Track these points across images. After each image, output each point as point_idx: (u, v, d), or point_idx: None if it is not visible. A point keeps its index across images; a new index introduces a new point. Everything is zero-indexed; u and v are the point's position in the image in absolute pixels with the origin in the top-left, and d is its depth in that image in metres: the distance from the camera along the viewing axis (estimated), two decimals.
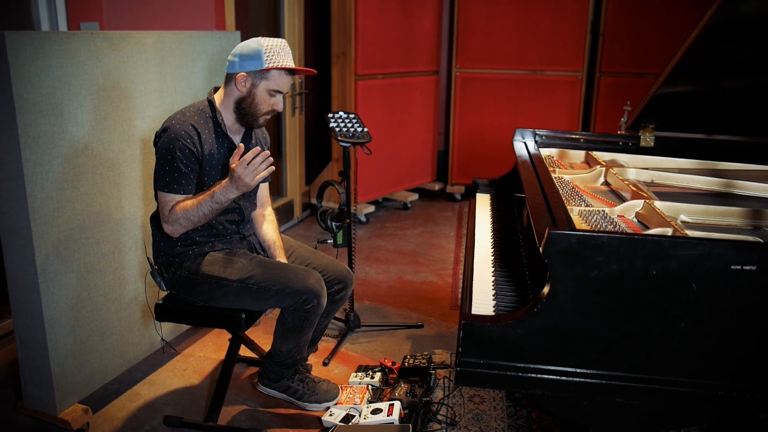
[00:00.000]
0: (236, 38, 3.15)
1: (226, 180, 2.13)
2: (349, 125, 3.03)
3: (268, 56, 2.17)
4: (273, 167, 2.12)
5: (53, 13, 2.92)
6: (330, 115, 3.05)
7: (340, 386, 2.59)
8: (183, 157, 2.16)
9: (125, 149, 2.55)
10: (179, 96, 2.81)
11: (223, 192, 2.13)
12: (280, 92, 2.25)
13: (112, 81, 2.44)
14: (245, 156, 2.07)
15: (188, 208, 2.17)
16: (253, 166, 2.07)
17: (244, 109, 2.24)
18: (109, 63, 2.42)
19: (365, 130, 3.04)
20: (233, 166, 2.08)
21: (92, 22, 3.05)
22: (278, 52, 2.19)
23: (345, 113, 3.07)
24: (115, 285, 2.57)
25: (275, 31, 4.59)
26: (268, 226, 2.50)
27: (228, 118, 2.28)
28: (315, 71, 2.42)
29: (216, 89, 2.31)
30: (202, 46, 2.91)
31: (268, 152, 2.12)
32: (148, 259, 2.35)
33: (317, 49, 5.25)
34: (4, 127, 2.09)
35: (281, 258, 2.41)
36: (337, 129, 3.00)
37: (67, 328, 2.36)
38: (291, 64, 2.23)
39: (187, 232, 2.25)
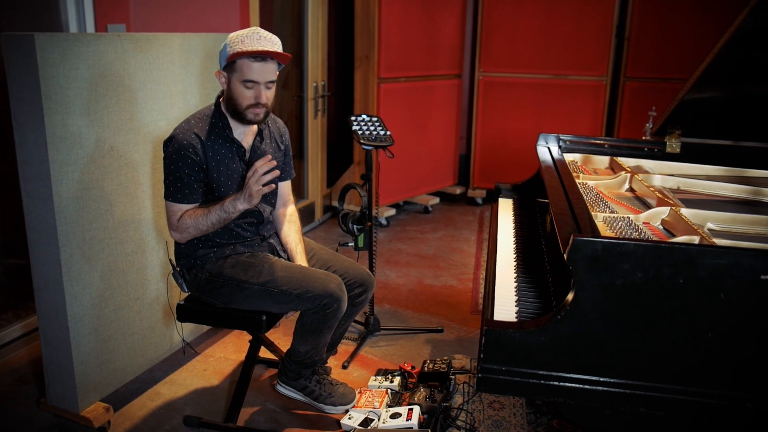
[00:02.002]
0: None
1: (233, 194, 2.15)
2: (372, 128, 3.03)
3: (231, 47, 2.10)
4: (277, 171, 2.08)
5: (81, 15, 2.96)
6: (353, 118, 3.05)
7: (359, 390, 2.59)
8: (186, 168, 2.16)
9: (150, 150, 2.57)
10: (204, 98, 2.83)
11: (232, 202, 2.14)
12: (255, 82, 2.13)
13: (138, 82, 2.47)
14: (256, 165, 2.05)
15: (198, 217, 2.18)
16: (257, 174, 2.05)
17: (230, 107, 2.20)
18: (135, 64, 2.44)
19: (388, 133, 3.04)
20: (247, 180, 2.09)
21: (119, 24, 3.08)
22: (242, 40, 2.09)
23: (368, 116, 3.07)
24: (137, 285, 2.59)
25: (299, 33, 4.61)
26: (289, 227, 2.50)
27: (233, 120, 2.25)
28: (282, 53, 2.14)
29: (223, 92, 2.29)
30: None
31: (269, 158, 2.08)
32: (170, 260, 2.37)
33: (341, 52, 5.27)
34: (32, 127, 2.12)
35: (302, 262, 2.42)
36: (360, 132, 3.00)
37: (90, 327, 2.38)
38: (251, 48, 2.08)
39: (207, 235, 2.26)
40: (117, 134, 2.40)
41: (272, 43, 2.14)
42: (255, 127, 2.32)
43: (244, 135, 2.30)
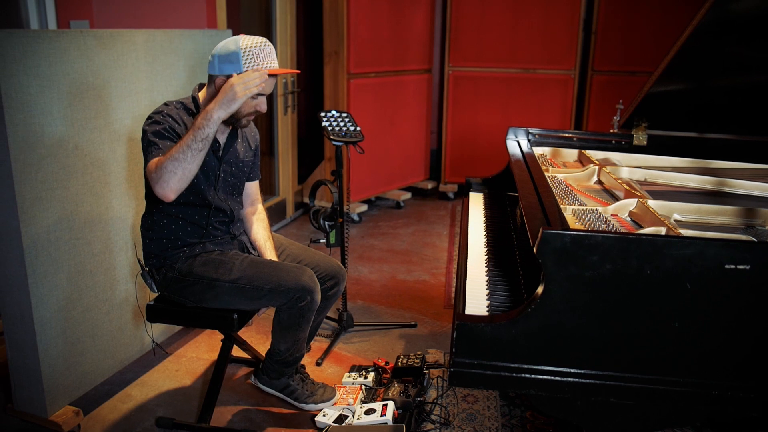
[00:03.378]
0: (227, 37, 3.12)
1: (212, 102, 2.06)
2: (342, 124, 3.02)
3: (246, 60, 2.10)
4: (266, 83, 2.10)
5: (42, 11, 2.90)
6: (323, 114, 3.04)
7: (333, 386, 2.58)
8: (169, 128, 2.10)
9: (115, 149, 2.53)
10: (170, 95, 2.79)
11: (205, 117, 2.01)
12: (262, 94, 2.19)
13: (102, 80, 2.42)
14: (247, 72, 2.07)
15: (171, 152, 2.00)
16: (248, 77, 2.04)
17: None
18: (99, 62, 2.40)
19: (358, 129, 3.03)
20: (233, 80, 2.04)
21: (82, 21, 3.02)
22: (257, 54, 2.11)
23: (338, 112, 3.06)
24: (105, 286, 2.55)
25: (267, 30, 4.57)
26: (258, 225, 2.49)
27: None
28: (298, 71, 2.40)
29: (201, 86, 2.27)
30: (194, 44, 2.89)
31: (265, 70, 2.10)
32: (138, 260, 2.33)
33: (309, 48, 5.24)
34: None
35: (271, 257, 2.40)
36: (330, 128, 2.98)
37: (57, 330, 2.33)
38: (271, 66, 2.15)
39: (177, 234, 2.23)
40: (81, 133, 2.35)
41: (277, 57, 2.18)
42: (228, 127, 2.30)
43: (219, 132, 2.27)
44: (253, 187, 2.53)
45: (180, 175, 1.99)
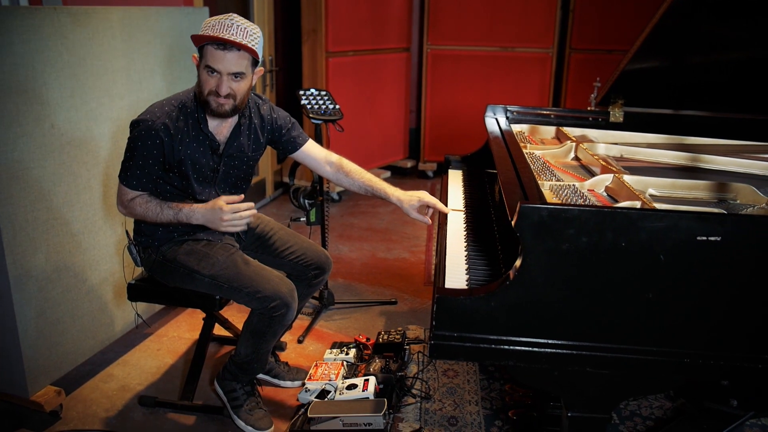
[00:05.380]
0: (204, 14, 3.10)
1: (201, 205, 2.13)
2: (321, 102, 3.02)
3: (204, 30, 2.01)
4: (252, 217, 2.15)
5: None
6: (301, 92, 3.03)
7: (315, 363, 2.60)
8: (147, 156, 2.08)
9: (92, 128, 2.50)
10: (147, 73, 2.76)
11: (190, 213, 2.13)
12: (215, 71, 2.03)
13: (77, 58, 2.39)
14: (238, 205, 2.11)
15: (149, 210, 2.14)
16: (238, 214, 2.10)
17: (197, 92, 2.11)
18: (74, 39, 2.37)
19: (337, 107, 3.03)
20: (223, 204, 2.09)
21: None
22: (214, 25, 2.00)
23: (316, 90, 3.06)
24: (85, 266, 2.54)
25: (244, 8, 4.52)
26: (353, 174, 2.52)
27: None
28: (245, 45, 2.01)
29: None
30: (170, 22, 2.86)
31: (252, 205, 2.15)
32: (126, 232, 2.32)
33: (287, 26, 5.19)
34: None
35: (390, 192, 2.40)
36: (309, 106, 2.98)
37: (37, 310, 2.33)
38: (214, 35, 1.98)
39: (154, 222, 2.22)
40: (57, 112, 2.33)
41: (244, 33, 2.01)
42: (231, 120, 2.21)
43: (219, 128, 2.19)
44: (311, 149, 2.48)
45: (140, 219, 2.20)
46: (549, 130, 2.91)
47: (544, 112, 3.02)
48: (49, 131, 2.30)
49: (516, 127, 2.86)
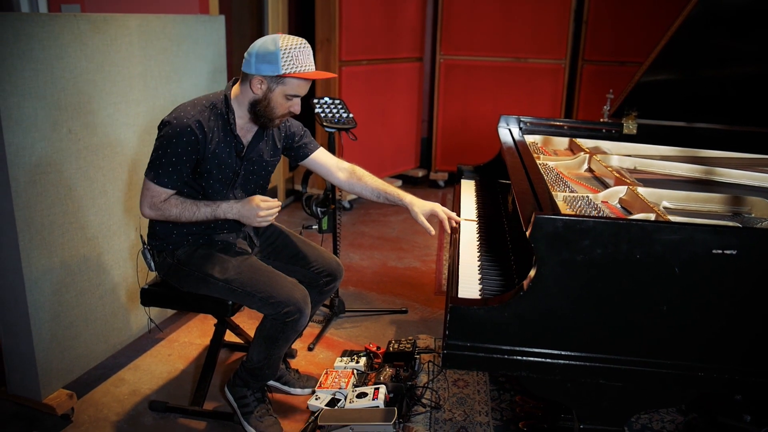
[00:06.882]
0: (220, 22, 3.13)
1: (238, 202, 2.17)
2: (335, 111, 3.03)
3: (285, 61, 2.07)
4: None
5: None
6: (315, 101, 3.05)
7: (325, 371, 2.60)
8: (182, 153, 2.09)
9: (109, 133, 2.53)
10: (163, 80, 2.79)
11: (228, 209, 2.17)
12: (298, 96, 2.17)
13: (95, 64, 2.42)
14: (271, 201, 2.18)
15: (187, 207, 2.14)
16: (269, 211, 2.16)
17: (259, 112, 2.15)
18: (93, 46, 2.39)
19: (350, 115, 3.04)
20: (259, 201, 2.15)
21: (73, 5, 3.01)
22: (296, 56, 2.09)
23: (330, 99, 3.07)
24: (99, 270, 2.56)
25: (259, 16, 4.56)
26: (365, 181, 2.52)
27: (241, 116, 2.19)
28: (335, 75, 2.40)
29: (236, 81, 2.21)
30: (187, 29, 2.89)
31: (280, 203, 2.21)
32: (141, 237, 2.33)
33: (301, 35, 5.21)
34: None
35: (404, 195, 2.40)
36: (323, 114, 3.00)
37: (50, 313, 2.34)
38: (310, 69, 2.14)
39: (183, 222, 2.21)
40: (75, 117, 2.35)
41: (312, 56, 2.21)
42: (256, 126, 2.26)
43: (246, 131, 2.24)
44: (321, 157, 2.50)
45: (170, 220, 2.19)
46: (562, 141, 2.91)
47: (558, 124, 3.02)
48: (67, 136, 2.33)
49: (529, 138, 2.86)
